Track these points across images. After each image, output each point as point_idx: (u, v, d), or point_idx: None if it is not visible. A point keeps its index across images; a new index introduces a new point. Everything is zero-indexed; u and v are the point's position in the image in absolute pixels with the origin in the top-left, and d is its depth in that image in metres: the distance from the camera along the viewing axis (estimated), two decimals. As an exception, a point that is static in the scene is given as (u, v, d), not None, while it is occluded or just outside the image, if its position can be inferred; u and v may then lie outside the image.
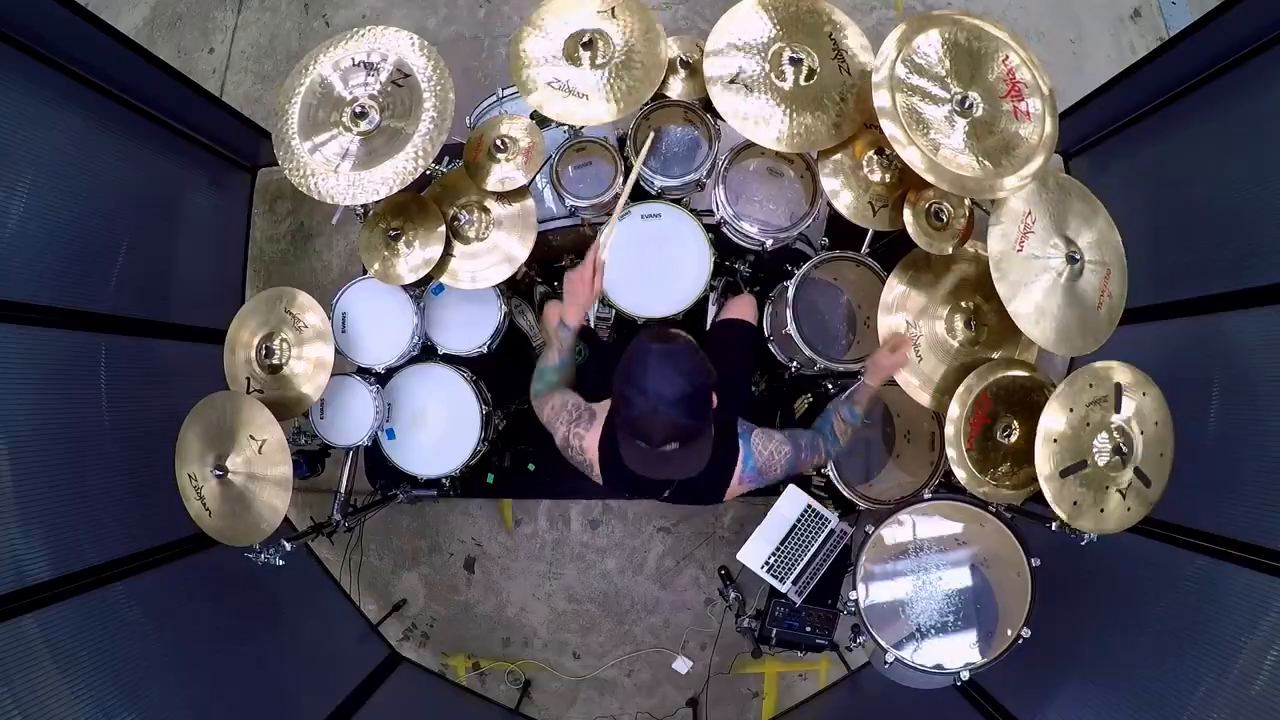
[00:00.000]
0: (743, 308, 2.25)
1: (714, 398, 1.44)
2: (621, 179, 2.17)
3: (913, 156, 1.67)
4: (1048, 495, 1.74)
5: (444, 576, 3.14)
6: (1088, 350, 1.82)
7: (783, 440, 1.63)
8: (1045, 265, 1.79)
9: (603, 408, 1.65)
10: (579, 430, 1.62)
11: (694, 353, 1.42)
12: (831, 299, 2.29)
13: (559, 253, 2.55)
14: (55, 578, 1.94)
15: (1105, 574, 2.22)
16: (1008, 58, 1.74)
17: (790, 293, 2.15)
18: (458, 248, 2.08)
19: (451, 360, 2.38)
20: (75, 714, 1.81)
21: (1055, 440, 1.74)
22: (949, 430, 1.86)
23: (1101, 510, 1.79)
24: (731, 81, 1.88)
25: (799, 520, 2.20)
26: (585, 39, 1.93)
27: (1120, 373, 1.80)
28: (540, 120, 2.19)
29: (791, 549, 2.19)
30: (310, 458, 2.32)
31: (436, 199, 2.09)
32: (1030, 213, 1.79)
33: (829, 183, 1.98)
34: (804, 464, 1.68)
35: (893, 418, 2.40)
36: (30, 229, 2.10)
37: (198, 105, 2.75)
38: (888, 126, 1.68)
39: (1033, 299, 1.77)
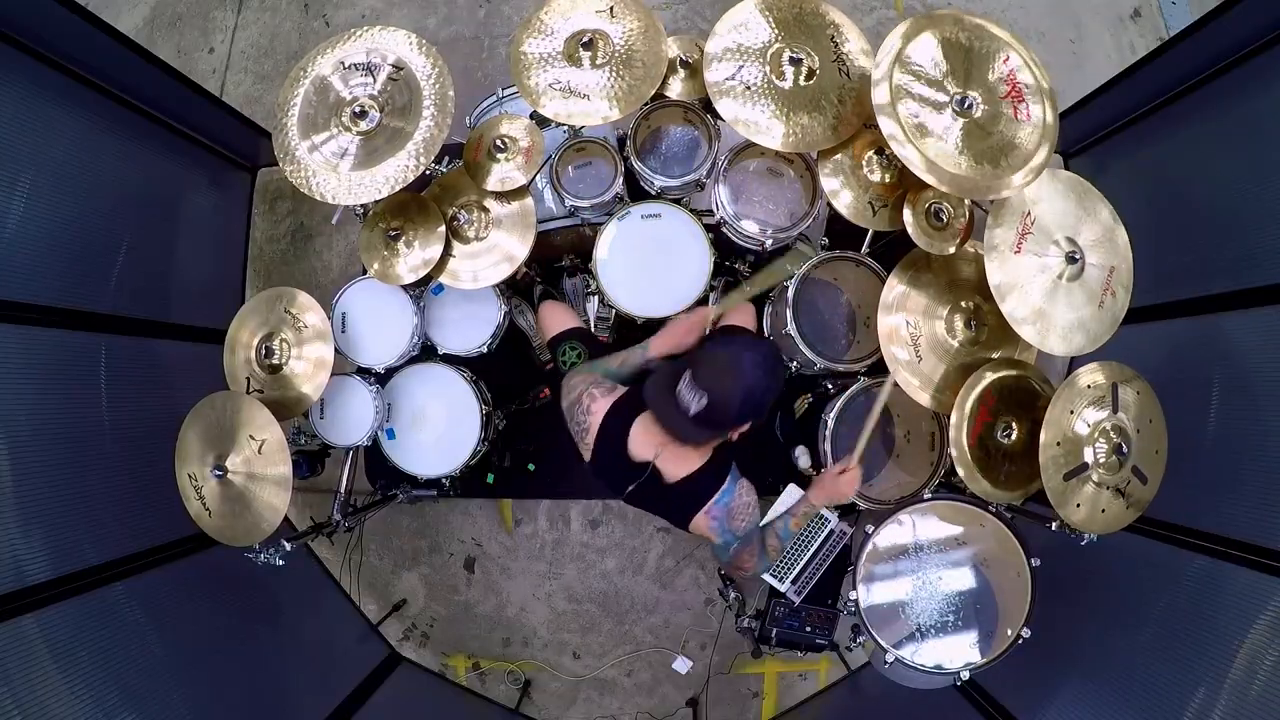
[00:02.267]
0: (742, 316, 2.25)
1: (747, 426, 1.50)
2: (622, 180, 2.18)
3: (912, 156, 1.67)
4: (1052, 499, 1.74)
5: (444, 576, 3.14)
6: (1086, 351, 1.82)
7: (757, 507, 1.66)
8: (1044, 265, 1.79)
9: (624, 390, 1.65)
10: (594, 391, 1.62)
11: (779, 379, 1.50)
12: (831, 299, 2.29)
13: (559, 252, 2.55)
14: (55, 578, 1.94)
15: (1105, 574, 2.22)
16: (1008, 58, 1.74)
17: (790, 293, 2.15)
18: (457, 247, 2.08)
19: (451, 360, 2.38)
20: (75, 714, 1.81)
21: (1059, 444, 1.74)
22: (951, 431, 1.86)
23: (1102, 510, 1.79)
24: (729, 79, 1.88)
25: (799, 520, 2.20)
26: (585, 39, 1.93)
27: (1114, 372, 1.80)
28: (540, 120, 2.19)
29: (791, 548, 2.19)
30: (310, 458, 2.32)
31: (436, 199, 2.09)
32: (1029, 213, 1.79)
33: (829, 183, 1.98)
34: (743, 550, 1.67)
35: (893, 418, 2.40)
36: (30, 229, 2.10)
37: (198, 105, 2.75)
38: (887, 126, 1.68)
39: (1030, 301, 1.77)
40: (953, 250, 1.92)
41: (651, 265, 2.21)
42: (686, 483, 1.57)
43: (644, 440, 1.58)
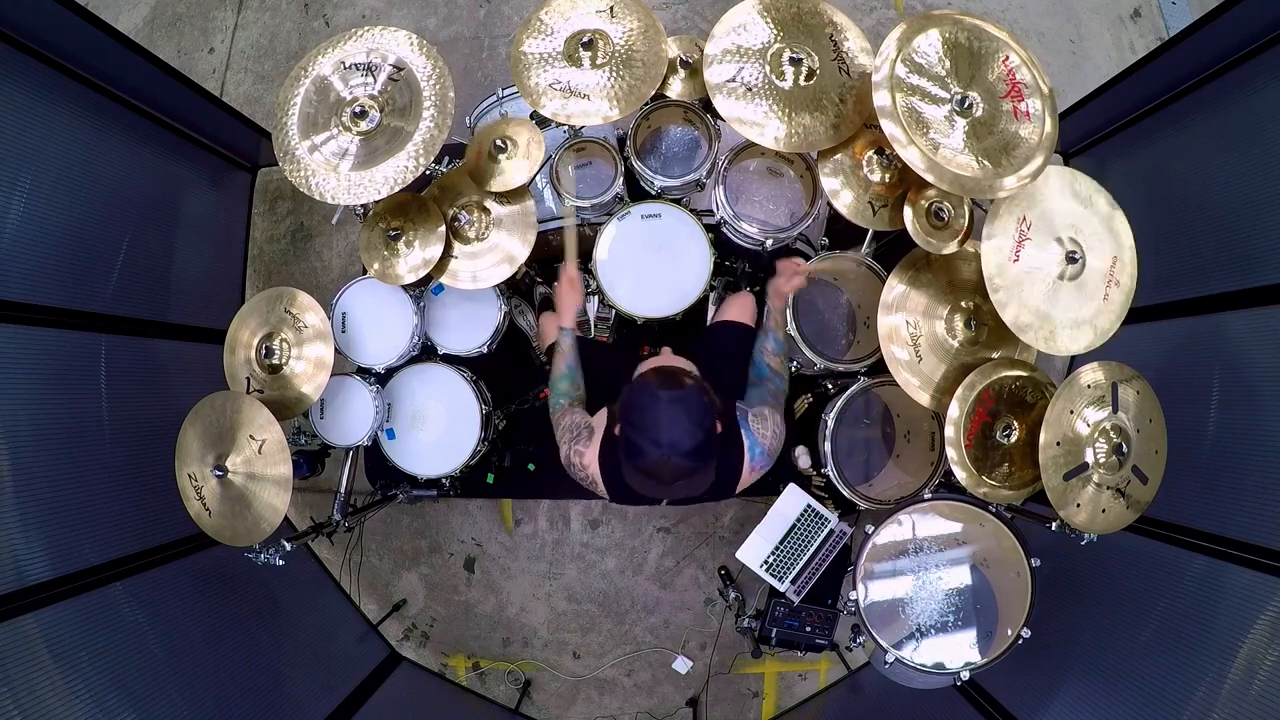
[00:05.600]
0: (741, 309, 2.25)
1: (718, 426, 1.45)
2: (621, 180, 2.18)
3: (913, 156, 1.67)
4: (1052, 499, 1.74)
5: (444, 576, 3.14)
6: (1095, 345, 1.82)
7: (770, 411, 1.65)
8: (1044, 267, 1.79)
9: (599, 421, 1.64)
10: (579, 448, 1.62)
11: (701, 393, 1.42)
12: (831, 299, 2.29)
13: (559, 253, 2.54)
14: (55, 578, 1.95)
15: (1105, 574, 2.22)
16: (1008, 58, 1.74)
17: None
18: (458, 248, 2.08)
19: (451, 360, 2.38)
20: (75, 714, 1.81)
21: (1058, 444, 1.74)
22: (949, 431, 1.86)
23: (1103, 511, 1.79)
24: (730, 80, 1.88)
25: (798, 520, 2.20)
26: (585, 39, 1.93)
27: (1114, 372, 1.80)
28: (540, 120, 2.19)
29: (791, 548, 2.19)
30: (310, 458, 2.32)
31: (436, 199, 2.09)
32: (1024, 217, 1.79)
33: (829, 183, 1.98)
34: (782, 428, 1.68)
35: (893, 418, 2.40)
36: (30, 229, 2.10)
37: (198, 105, 2.75)
38: (888, 126, 1.68)
39: (1032, 306, 1.77)
40: (953, 250, 1.92)
41: (651, 265, 2.21)
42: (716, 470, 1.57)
43: None
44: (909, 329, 1.96)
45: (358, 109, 1.90)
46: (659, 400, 1.38)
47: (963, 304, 1.97)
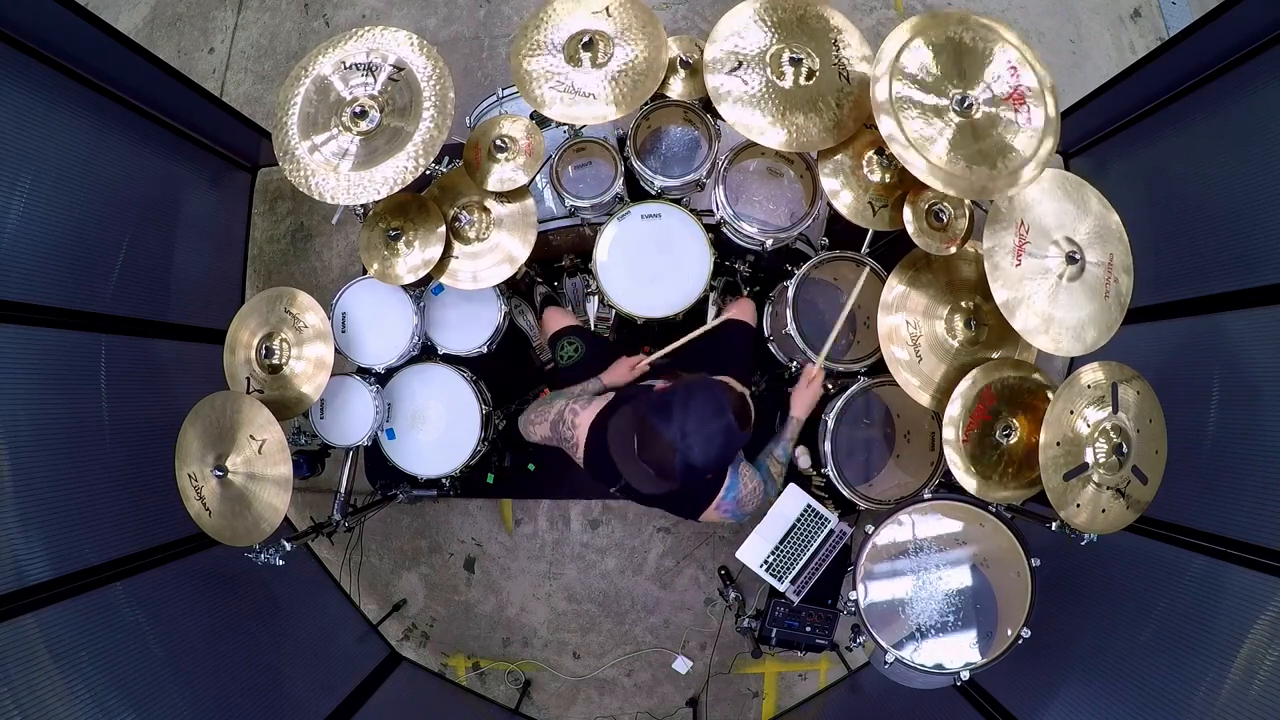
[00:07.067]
0: (742, 310, 2.25)
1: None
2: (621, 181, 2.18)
3: (910, 157, 1.67)
4: (1052, 499, 1.74)
5: (444, 576, 3.14)
6: (1100, 344, 1.82)
7: (762, 479, 1.69)
8: (1045, 270, 1.78)
9: (604, 397, 1.65)
10: (575, 406, 1.63)
11: (740, 442, 1.49)
12: (831, 299, 2.29)
13: (559, 252, 2.55)
14: (55, 578, 1.95)
15: (1105, 574, 2.22)
16: (1010, 58, 1.74)
17: (790, 293, 2.15)
18: (458, 248, 2.08)
19: (451, 360, 2.38)
20: (75, 714, 1.81)
21: (1058, 444, 1.74)
22: (948, 431, 1.86)
23: (1103, 511, 1.79)
24: (731, 72, 1.88)
25: (798, 519, 2.20)
26: (585, 39, 1.93)
27: (1114, 372, 1.81)
28: (540, 120, 2.19)
29: (790, 548, 2.19)
30: (310, 458, 2.32)
31: (436, 199, 2.09)
32: (1022, 221, 1.78)
33: (829, 183, 1.98)
34: (750, 503, 1.71)
35: (893, 418, 2.40)
36: (30, 229, 2.10)
37: (198, 105, 2.75)
38: (885, 126, 1.68)
39: (1038, 310, 1.76)
40: (953, 251, 1.92)
41: (651, 265, 2.21)
42: (687, 486, 1.57)
43: None
44: (909, 329, 1.96)
45: (358, 109, 1.90)
46: (724, 413, 1.41)
47: (963, 304, 1.97)
